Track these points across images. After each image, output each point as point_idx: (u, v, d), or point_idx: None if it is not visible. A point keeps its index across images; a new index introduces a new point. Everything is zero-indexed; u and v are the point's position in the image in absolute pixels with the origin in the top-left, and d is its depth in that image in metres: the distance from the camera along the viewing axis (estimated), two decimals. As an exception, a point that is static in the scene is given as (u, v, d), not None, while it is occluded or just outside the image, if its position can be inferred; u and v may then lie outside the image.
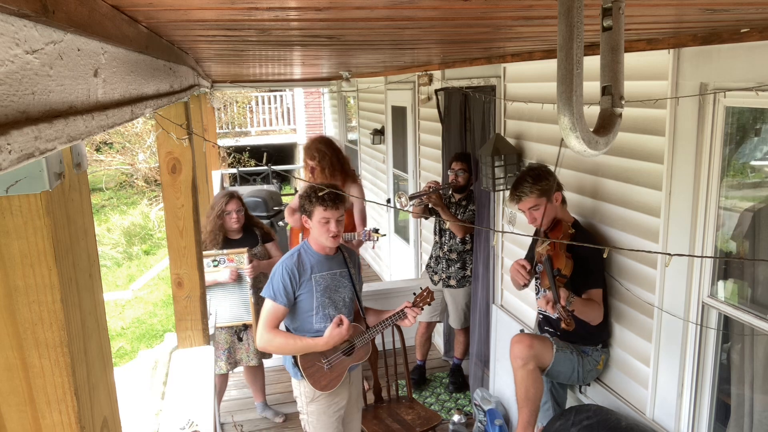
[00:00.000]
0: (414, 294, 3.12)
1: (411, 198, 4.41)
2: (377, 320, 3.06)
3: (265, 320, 2.83)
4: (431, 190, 4.25)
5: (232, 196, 4.09)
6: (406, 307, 3.01)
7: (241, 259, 3.97)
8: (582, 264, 2.81)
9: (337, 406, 2.99)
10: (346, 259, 3.01)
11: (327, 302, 2.88)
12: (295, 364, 2.89)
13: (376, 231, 4.33)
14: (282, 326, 2.94)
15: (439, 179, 4.84)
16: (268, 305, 2.84)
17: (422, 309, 3.03)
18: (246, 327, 4.08)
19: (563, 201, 3.00)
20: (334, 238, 2.85)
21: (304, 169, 4.70)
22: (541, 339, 3.00)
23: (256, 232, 4.22)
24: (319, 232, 2.85)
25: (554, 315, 2.80)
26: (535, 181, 2.89)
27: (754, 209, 2.35)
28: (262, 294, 2.93)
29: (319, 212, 2.81)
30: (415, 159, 5.85)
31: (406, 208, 4.27)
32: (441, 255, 4.55)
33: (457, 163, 4.38)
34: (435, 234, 4.65)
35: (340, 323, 2.81)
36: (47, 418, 0.94)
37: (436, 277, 4.59)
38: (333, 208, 2.80)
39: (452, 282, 4.53)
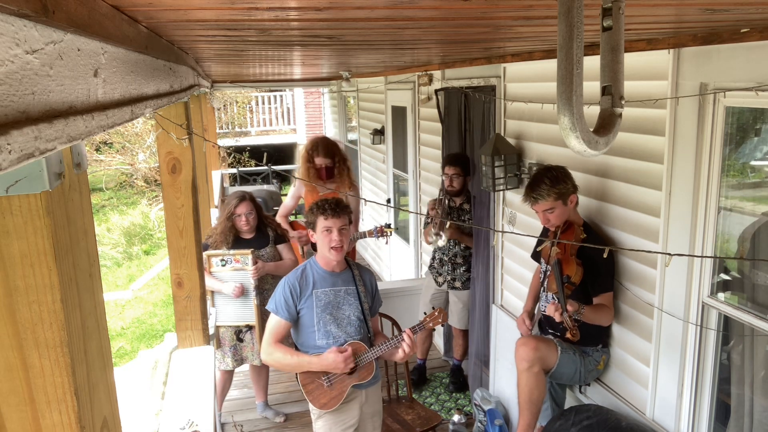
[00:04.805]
0: (425, 313, 3.02)
1: (425, 225, 4.50)
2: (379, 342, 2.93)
3: (268, 333, 2.82)
4: (435, 209, 4.22)
5: (243, 198, 4.00)
6: (406, 331, 2.83)
7: (245, 260, 3.93)
8: (592, 267, 2.78)
9: (345, 424, 2.88)
10: (355, 277, 2.92)
11: (328, 319, 2.82)
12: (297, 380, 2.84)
13: (388, 226, 4.19)
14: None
15: (440, 180, 4.83)
16: (272, 319, 2.83)
17: (415, 333, 2.83)
18: (249, 328, 4.07)
19: (576, 203, 2.93)
20: (335, 249, 2.77)
21: (303, 164, 4.55)
22: (546, 341, 2.98)
23: (269, 233, 4.15)
24: (321, 243, 2.81)
25: (559, 321, 2.75)
26: (553, 183, 2.82)
27: (755, 226, 2.34)
28: (267, 307, 2.91)
29: (320, 222, 2.78)
30: (415, 159, 5.85)
31: (440, 243, 4.22)
32: (446, 260, 4.51)
33: (450, 168, 4.26)
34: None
35: (343, 351, 2.72)
36: (47, 418, 0.94)
37: (440, 279, 4.57)
38: (334, 216, 2.75)
39: (457, 284, 4.51)
